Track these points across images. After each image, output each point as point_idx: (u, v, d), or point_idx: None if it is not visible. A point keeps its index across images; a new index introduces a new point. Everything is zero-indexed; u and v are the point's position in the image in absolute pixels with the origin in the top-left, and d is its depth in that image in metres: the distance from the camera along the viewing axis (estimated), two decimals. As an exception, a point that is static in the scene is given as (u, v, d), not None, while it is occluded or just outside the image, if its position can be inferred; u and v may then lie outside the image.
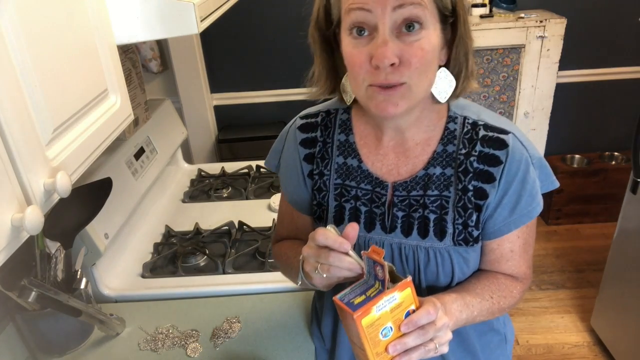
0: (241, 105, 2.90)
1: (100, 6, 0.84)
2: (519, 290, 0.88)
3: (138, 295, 1.28)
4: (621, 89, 2.90)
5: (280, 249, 0.97)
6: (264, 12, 2.65)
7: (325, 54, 0.81)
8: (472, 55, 0.78)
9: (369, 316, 0.65)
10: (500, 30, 2.44)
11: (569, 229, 3.00)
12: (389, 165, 0.85)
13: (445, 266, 0.83)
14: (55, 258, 1.07)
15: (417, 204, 0.83)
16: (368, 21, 0.69)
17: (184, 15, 0.90)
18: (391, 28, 0.69)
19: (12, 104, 0.61)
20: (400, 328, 0.68)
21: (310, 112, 0.92)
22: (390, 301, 0.67)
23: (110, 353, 1.10)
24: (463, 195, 0.81)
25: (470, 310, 0.79)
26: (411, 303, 0.69)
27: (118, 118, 0.90)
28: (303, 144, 0.90)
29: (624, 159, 2.96)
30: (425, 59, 0.71)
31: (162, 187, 1.75)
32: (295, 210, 0.95)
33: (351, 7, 0.70)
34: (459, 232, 0.82)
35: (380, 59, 0.68)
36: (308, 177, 0.90)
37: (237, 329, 1.14)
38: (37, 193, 0.65)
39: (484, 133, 0.80)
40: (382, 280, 0.68)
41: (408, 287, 0.68)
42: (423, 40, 0.70)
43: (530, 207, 0.81)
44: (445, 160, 0.82)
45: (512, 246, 0.85)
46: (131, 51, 1.54)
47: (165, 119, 1.82)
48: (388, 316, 0.67)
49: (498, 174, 0.79)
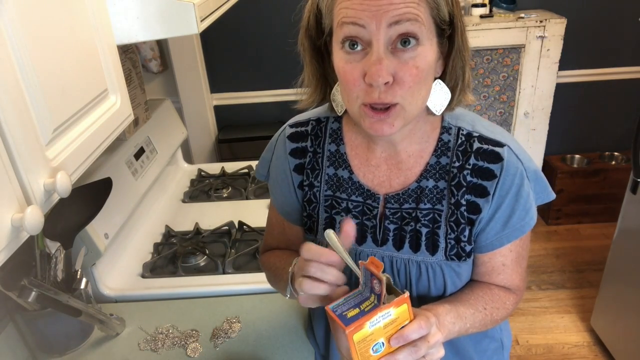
0: (241, 105, 2.90)
1: (100, 6, 0.84)
2: (512, 302, 0.86)
3: (138, 295, 1.28)
4: (621, 89, 2.90)
5: (269, 259, 0.95)
6: (263, 12, 2.65)
7: (316, 62, 0.78)
8: (468, 68, 0.75)
9: (362, 331, 0.63)
10: (500, 30, 2.44)
11: (569, 229, 3.00)
12: (381, 177, 0.83)
13: (437, 280, 0.82)
14: (55, 258, 1.07)
15: (409, 217, 0.81)
16: (362, 36, 0.66)
17: (184, 15, 0.90)
18: (386, 44, 0.65)
19: (12, 104, 0.61)
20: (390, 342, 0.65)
21: (300, 120, 0.89)
22: (385, 317, 0.64)
23: (110, 353, 1.10)
24: (456, 210, 0.79)
25: (464, 322, 0.77)
26: (406, 319, 0.67)
27: (118, 118, 0.90)
28: (293, 154, 0.87)
29: (624, 159, 2.96)
30: (420, 78, 0.68)
31: (162, 187, 1.75)
32: (286, 221, 0.93)
33: (344, 20, 0.66)
34: (451, 247, 0.80)
35: (374, 77, 0.65)
36: (298, 188, 0.88)
37: (237, 329, 1.14)
38: (37, 193, 0.65)
39: (479, 145, 0.78)
40: (379, 294, 0.65)
41: (404, 303, 0.66)
42: (418, 58, 0.67)
43: (523, 222, 0.79)
44: (438, 172, 0.80)
45: (504, 260, 0.83)
46: (131, 51, 1.54)
47: (165, 119, 1.82)
48: (381, 332, 0.65)
49: (492, 188, 0.77)
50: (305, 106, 0.84)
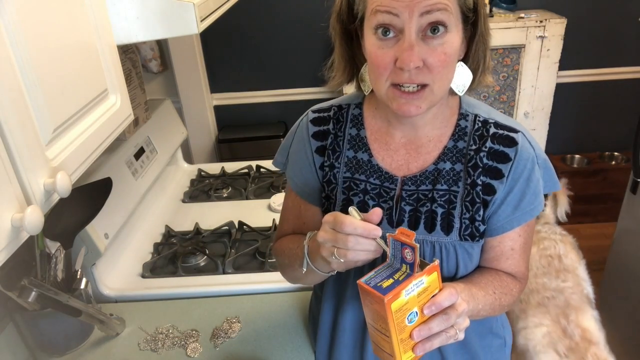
0: (241, 105, 2.90)
1: (100, 6, 0.84)
2: (518, 289, 0.88)
3: (138, 295, 1.28)
4: (621, 89, 2.90)
5: (282, 244, 0.97)
6: (263, 12, 2.65)
7: (345, 44, 0.83)
8: (489, 52, 0.80)
9: (399, 300, 0.65)
10: (500, 30, 2.44)
11: (569, 229, 2.98)
12: (399, 161, 0.86)
13: (450, 261, 0.84)
14: (55, 258, 1.07)
15: (425, 198, 0.84)
16: (395, 24, 0.71)
17: (184, 15, 0.90)
18: (417, 32, 0.70)
19: (12, 104, 0.61)
20: (423, 311, 0.67)
21: (323, 107, 0.93)
22: (418, 285, 0.66)
23: (110, 353, 1.10)
24: (471, 190, 0.82)
25: (476, 302, 0.79)
26: (436, 288, 0.69)
27: (118, 118, 0.90)
28: (315, 137, 0.91)
29: (624, 159, 2.96)
30: (448, 62, 0.73)
31: (162, 187, 1.75)
32: (303, 202, 0.95)
33: (378, 9, 0.71)
34: (466, 227, 0.83)
35: (406, 62, 0.70)
36: (319, 169, 0.91)
37: (237, 329, 1.14)
38: (37, 193, 0.65)
39: (495, 131, 0.83)
40: (411, 263, 0.67)
41: (435, 271, 0.68)
42: (446, 45, 0.72)
43: (532, 206, 0.83)
44: (455, 155, 0.84)
45: (513, 244, 0.86)
46: (131, 51, 1.54)
47: (165, 119, 1.82)
48: (415, 301, 0.66)
49: (506, 170, 0.81)
50: (334, 87, 0.89)
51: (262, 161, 1.93)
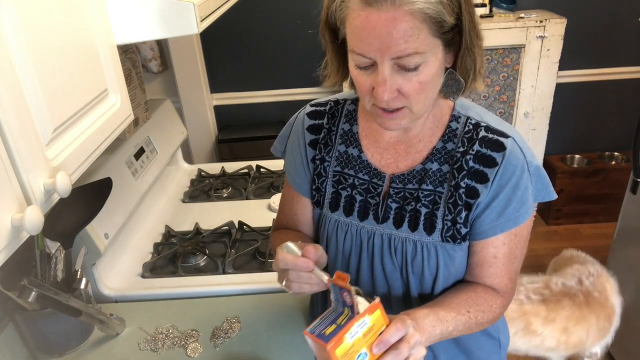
0: (241, 105, 2.90)
1: (100, 6, 0.84)
2: (499, 304, 0.86)
3: (138, 295, 1.28)
4: (621, 89, 2.90)
5: (275, 240, 0.98)
6: (263, 12, 2.65)
7: (336, 47, 0.83)
8: (480, 58, 0.77)
9: (343, 345, 0.64)
10: (500, 30, 2.44)
11: (569, 229, 3.00)
12: (388, 159, 0.88)
13: (430, 260, 0.85)
14: (55, 258, 1.07)
15: (411, 196, 0.85)
16: (370, 60, 0.72)
17: (184, 15, 0.90)
18: (390, 68, 0.71)
19: (12, 104, 0.61)
20: (372, 350, 0.67)
21: (320, 101, 0.96)
22: (362, 326, 0.66)
23: (110, 353, 1.10)
24: (455, 192, 0.82)
25: (445, 325, 0.78)
26: (382, 325, 0.68)
27: (118, 118, 0.90)
28: (310, 130, 0.93)
29: (624, 159, 2.96)
30: (425, 88, 0.74)
31: (162, 187, 1.75)
32: (296, 194, 0.98)
33: (353, 49, 0.73)
34: (448, 229, 0.83)
35: (380, 96, 0.72)
36: (311, 161, 0.94)
37: (237, 329, 1.14)
38: (37, 193, 0.65)
39: (484, 134, 0.82)
40: (351, 305, 0.67)
41: (377, 309, 0.67)
42: (422, 74, 0.72)
43: (518, 214, 0.81)
44: (443, 157, 0.84)
45: (496, 252, 0.84)
46: (131, 51, 1.54)
47: (165, 119, 1.82)
48: (362, 342, 0.66)
49: (492, 175, 0.80)
50: (329, 86, 0.90)
51: (262, 161, 1.93)
